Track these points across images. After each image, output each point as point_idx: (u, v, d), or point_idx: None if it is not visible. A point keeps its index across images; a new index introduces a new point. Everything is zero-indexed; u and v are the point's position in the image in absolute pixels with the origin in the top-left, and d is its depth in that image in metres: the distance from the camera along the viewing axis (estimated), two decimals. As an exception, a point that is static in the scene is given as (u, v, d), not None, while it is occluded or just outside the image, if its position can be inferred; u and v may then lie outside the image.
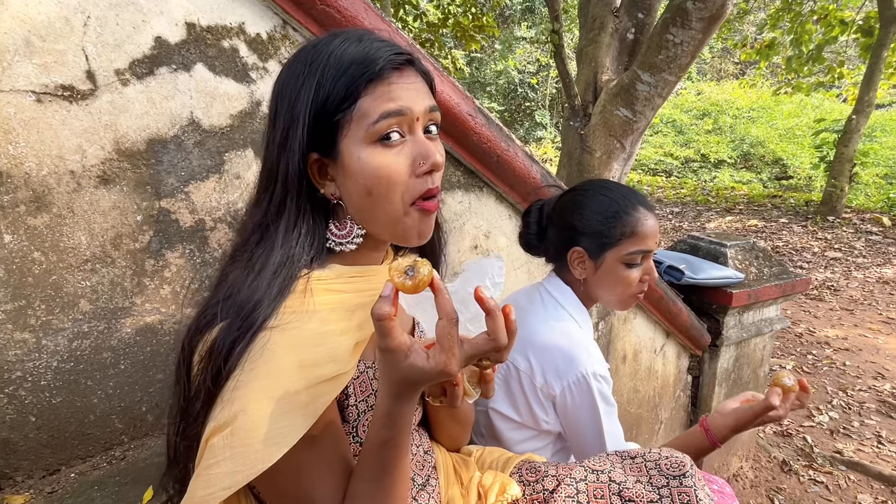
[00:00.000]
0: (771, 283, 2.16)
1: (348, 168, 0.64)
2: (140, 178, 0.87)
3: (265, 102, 0.97)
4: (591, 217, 1.06)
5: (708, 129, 11.71)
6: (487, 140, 1.22)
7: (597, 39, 3.35)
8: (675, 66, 2.91)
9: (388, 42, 0.66)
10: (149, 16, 0.84)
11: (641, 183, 10.14)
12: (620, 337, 1.89)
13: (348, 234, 0.69)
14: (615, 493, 0.75)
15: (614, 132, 3.19)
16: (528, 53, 15.73)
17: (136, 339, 0.90)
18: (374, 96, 0.62)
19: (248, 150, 0.97)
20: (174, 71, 0.87)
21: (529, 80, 16.35)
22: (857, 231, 6.42)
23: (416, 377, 0.56)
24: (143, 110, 0.86)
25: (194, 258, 0.94)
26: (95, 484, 0.87)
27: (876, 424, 2.91)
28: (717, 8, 2.64)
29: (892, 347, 3.76)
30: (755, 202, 8.20)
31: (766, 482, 2.50)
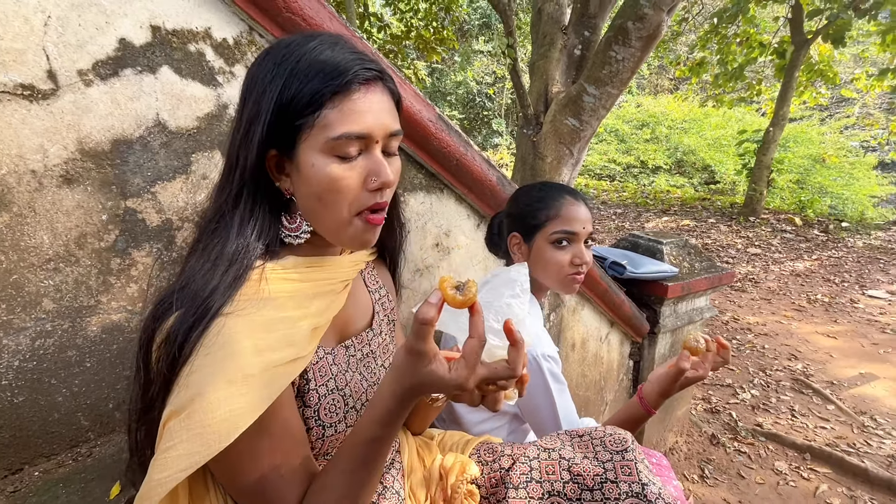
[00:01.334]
0: (701, 276, 2.24)
1: (302, 171, 0.62)
2: (105, 178, 0.82)
3: (232, 105, 0.93)
4: (524, 205, 1.13)
5: (646, 139, 12.09)
6: (447, 145, 1.21)
7: (547, 54, 3.40)
8: (618, 80, 2.98)
9: (361, 54, 0.63)
10: (112, 17, 0.79)
11: (588, 186, 10.37)
12: (570, 326, 1.93)
13: (297, 229, 0.67)
14: (565, 469, 0.76)
15: (563, 140, 3.25)
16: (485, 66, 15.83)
17: (103, 336, 0.85)
18: (339, 110, 0.60)
19: (216, 152, 0.93)
20: (139, 73, 0.83)
21: (487, 91, 16.46)
22: (774, 230, 6.78)
23: (432, 384, 0.56)
24: (108, 111, 0.81)
25: (162, 256, 0.89)
26: (61, 481, 0.82)
27: (790, 400, 3.08)
28: (654, 28, 2.72)
29: (804, 332, 3.99)
30: (687, 204, 8.53)
31: (697, 454, 2.60)
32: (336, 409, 0.69)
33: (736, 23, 7.37)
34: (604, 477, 0.73)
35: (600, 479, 0.72)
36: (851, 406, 2.99)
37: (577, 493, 0.73)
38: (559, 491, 0.74)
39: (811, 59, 7.44)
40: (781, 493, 2.34)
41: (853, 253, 5.82)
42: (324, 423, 0.68)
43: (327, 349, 0.71)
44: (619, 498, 0.70)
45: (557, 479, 0.75)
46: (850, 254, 5.79)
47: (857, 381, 3.27)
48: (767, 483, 2.40)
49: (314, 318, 0.66)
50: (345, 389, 0.71)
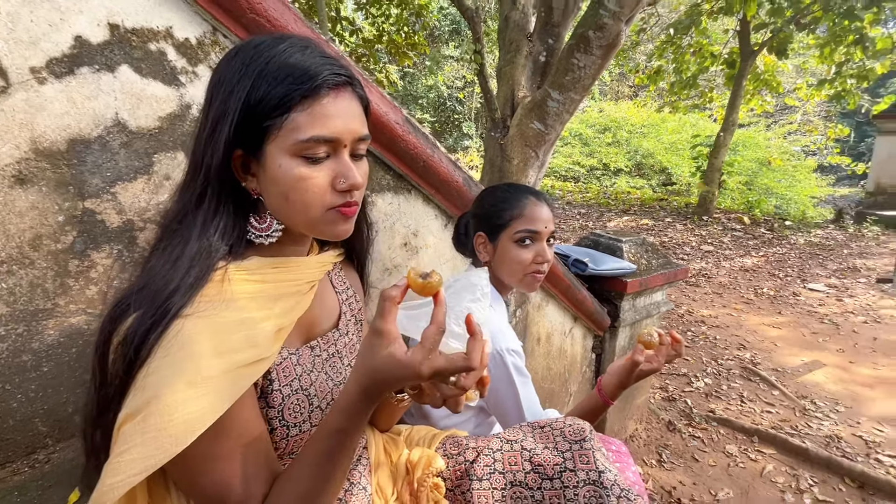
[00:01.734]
0: (658, 272, 2.30)
1: (270, 171, 0.61)
2: (61, 179, 0.78)
3: (196, 106, 0.90)
4: (489, 205, 1.13)
5: (608, 142, 12.35)
6: (414, 147, 1.20)
7: (513, 61, 3.42)
8: (580, 86, 3.03)
9: (331, 58, 0.62)
10: (67, 14, 0.75)
11: (554, 188, 10.52)
12: (535, 322, 1.95)
13: (268, 228, 0.65)
14: (526, 460, 0.77)
15: (529, 143, 3.28)
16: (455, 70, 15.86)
17: (60, 340, 0.81)
18: (308, 113, 0.59)
19: (179, 153, 0.89)
20: (97, 71, 0.79)
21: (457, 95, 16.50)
22: (725, 228, 7.03)
23: (390, 368, 0.54)
24: (63, 110, 0.76)
25: (123, 258, 0.85)
26: (16, 489, 0.77)
27: (739, 387, 3.20)
28: (613, 37, 2.78)
29: (751, 323, 4.15)
30: (646, 204, 8.76)
31: (655, 440, 2.67)
32: (301, 409, 0.68)
33: (690, 34, 7.61)
34: (563, 466, 0.73)
35: (560, 469, 0.73)
36: (794, 391, 3.13)
37: (538, 482, 0.74)
38: (521, 481, 0.74)
39: (757, 70, 7.74)
40: (732, 473, 2.43)
41: (795, 249, 6.09)
42: (288, 424, 0.66)
43: (292, 350, 0.69)
44: (577, 485, 0.71)
45: (519, 470, 0.75)
46: (793, 250, 6.05)
47: (799, 369, 3.42)
48: (719, 465, 2.48)
49: (278, 319, 0.64)
50: (309, 389, 0.69)
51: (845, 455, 2.54)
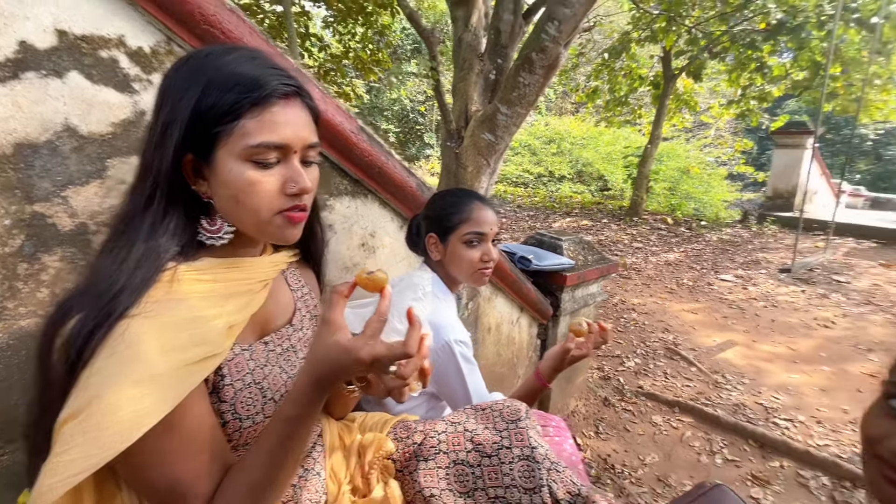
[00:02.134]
0: (593, 266, 2.37)
1: (220, 176, 0.57)
2: (7, 182, 0.71)
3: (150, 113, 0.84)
4: (440, 209, 1.12)
5: (553, 152, 12.63)
6: (369, 154, 1.18)
7: (467, 78, 3.43)
8: (525, 101, 3.07)
9: (280, 69, 0.59)
10: (11, 20, 0.68)
11: (506, 192, 10.66)
12: (486, 313, 1.96)
13: (218, 231, 0.62)
14: (468, 440, 0.76)
15: (482, 152, 3.30)
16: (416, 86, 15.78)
17: (10, 343, 0.74)
18: (258, 120, 0.56)
19: (134, 157, 0.83)
20: (44, 76, 0.72)
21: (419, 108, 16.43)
22: (652, 228, 7.33)
23: (335, 354, 0.53)
24: (8, 114, 0.70)
25: (76, 260, 0.79)
26: (-37, 493, 0.70)
27: (663, 365, 3.35)
28: (553, 59, 2.83)
29: (674, 309, 4.34)
30: (586, 207, 9.02)
31: (593, 414, 2.75)
32: (254, 402, 0.64)
33: (621, 59, 7.89)
34: (500, 444, 0.74)
35: (497, 446, 0.73)
36: (708, 367, 3.30)
37: (478, 460, 0.73)
38: (463, 460, 0.74)
39: (678, 91, 8.12)
40: (657, 440, 2.53)
41: (709, 245, 6.43)
42: (241, 416, 0.63)
43: (244, 346, 0.66)
44: (512, 461, 0.71)
45: (462, 449, 0.75)
46: (708, 246, 6.38)
47: (713, 348, 3.61)
48: (646, 434, 2.59)
49: (230, 317, 0.61)
50: (263, 383, 0.66)
51: (749, 420, 2.70)
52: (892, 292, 4.66)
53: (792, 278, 5.00)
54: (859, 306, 4.35)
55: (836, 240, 6.52)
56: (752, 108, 7.91)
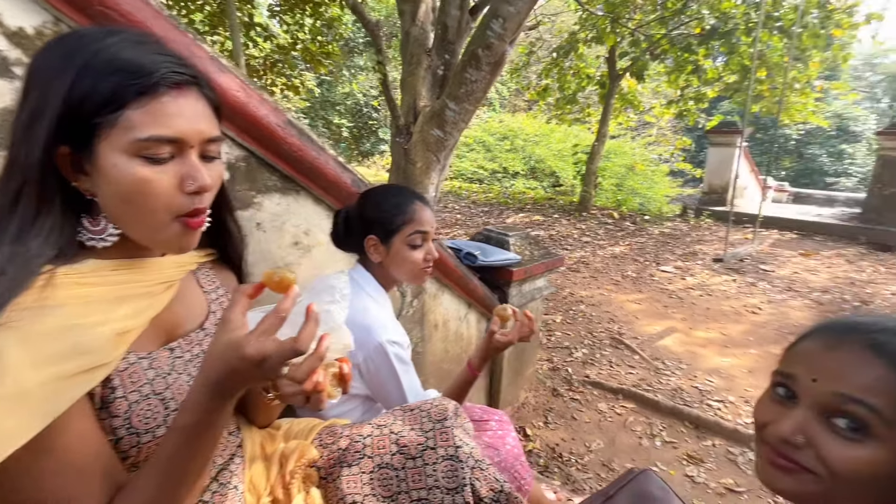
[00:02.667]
0: (539, 261, 2.42)
1: (104, 172, 0.52)
2: None
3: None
4: (380, 210, 1.09)
5: (507, 149, 12.83)
6: (299, 149, 1.13)
7: (414, 72, 3.40)
8: (473, 98, 3.08)
9: (172, 55, 0.54)
10: None
11: (461, 188, 10.73)
12: (432, 310, 1.95)
13: (101, 232, 0.56)
14: (393, 442, 0.75)
15: (431, 148, 3.28)
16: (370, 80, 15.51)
17: None
18: (145, 111, 0.51)
19: (17, 151, 0.75)
20: None
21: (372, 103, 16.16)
22: (600, 222, 7.62)
23: (228, 353, 0.49)
24: None
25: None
26: None
27: (609, 354, 3.49)
28: (499, 56, 2.86)
29: (619, 300, 4.54)
30: (539, 203, 9.24)
31: (542, 405, 2.82)
32: (153, 415, 0.59)
33: (570, 58, 8.12)
34: (425, 445, 0.73)
35: (422, 448, 0.72)
36: (650, 355, 3.47)
37: (403, 462, 0.72)
38: (388, 463, 0.72)
39: (623, 91, 8.47)
40: (602, 427, 2.64)
41: (652, 239, 6.77)
42: (138, 431, 0.58)
43: (143, 353, 0.61)
44: (436, 461, 0.71)
45: (387, 453, 0.73)
46: (650, 239, 6.72)
47: (654, 336, 3.81)
48: (592, 421, 2.69)
49: (120, 323, 0.55)
50: (165, 393, 0.61)
51: (686, 403, 2.87)
52: (809, 279, 5.11)
53: (724, 268, 5.36)
54: (782, 293, 4.73)
55: (762, 232, 7.06)
56: (690, 109, 8.39)
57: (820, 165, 18.63)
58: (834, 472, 0.46)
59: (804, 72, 7.38)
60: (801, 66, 7.23)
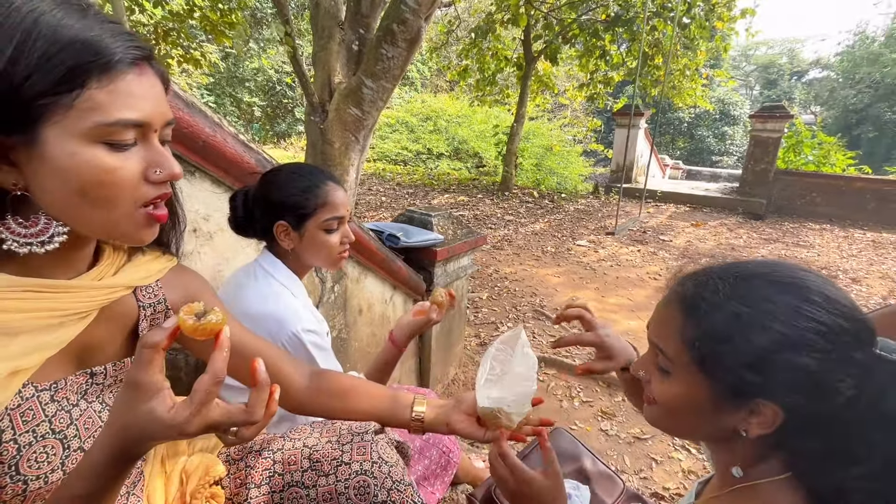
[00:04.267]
0: (462, 240, 2.45)
1: (53, 162, 0.43)
2: None
3: None
4: (290, 193, 1.01)
5: (430, 130, 12.80)
6: (189, 125, 1.01)
7: (327, 47, 3.22)
8: (390, 75, 3.00)
9: (122, 29, 0.45)
10: None
11: (385, 170, 10.53)
12: (355, 295, 1.90)
13: (42, 233, 0.46)
14: (306, 457, 0.70)
15: (349, 127, 3.16)
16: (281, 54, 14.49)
17: None
18: (109, 91, 0.44)
19: None
20: None
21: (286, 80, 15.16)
22: (521, 201, 7.93)
23: (149, 427, 0.42)
24: None
25: None
26: None
27: (532, 326, 3.68)
28: (415, 32, 2.80)
29: (540, 274, 4.78)
30: (463, 183, 9.37)
31: (471, 380, 2.91)
32: (48, 458, 0.50)
33: (487, 39, 8.21)
34: (340, 460, 0.68)
35: (336, 463, 0.68)
36: (567, 324, 3.72)
37: (314, 479, 0.68)
38: (298, 481, 0.68)
39: (539, 73, 8.76)
40: (526, 395, 2.79)
41: (568, 215, 7.19)
42: (26, 477, 0.48)
43: (45, 384, 0.51)
44: (348, 478, 0.67)
45: (297, 469, 0.69)
46: (567, 216, 7.14)
47: (571, 305, 4.07)
48: (518, 390, 2.83)
49: (15, 361, 0.46)
50: (66, 430, 0.52)
51: (599, 365, 3.12)
52: (700, 247, 5.76)
53: (630, 239, 5.86)
54: (677, 259, 5.29)
55: (661, 205, 7.81)
56: (600, 92, 8.94)
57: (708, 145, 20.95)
58: (659, 402, 0.55)
59: (693, 59, 8.15)
60: (690, 53, 7.98)
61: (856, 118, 23.64)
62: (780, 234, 6.30)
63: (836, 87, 25.94)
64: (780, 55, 30.76)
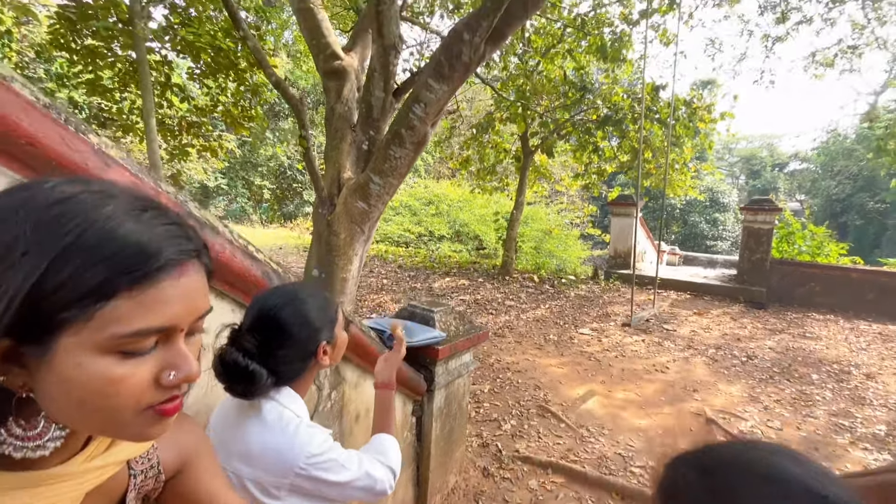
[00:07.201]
0: (464, 337, 2.40)
1: (59, 370, 0.39)
2: None
3: None
4: (317, 312, 0.99)
5: (433, 213, 13.24)
6: (200, 244, 1.02)
7: (339, 147, 3.43)
8: (397, 173, 3.16)
9: (175, 222, 0.43)
10: None
11: (388, 252, 10.70)
12: (353, 400, 1.81)
13: (39, 436, 0.42)
14: None
15: (355, 220, 3.25)
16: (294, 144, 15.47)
17: None
18: (138, 301, 0.39)
19: None
20: None
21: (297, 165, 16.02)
22: (521, 286, 7.94)
23: None
24: None
25: None
26: None
27: (536, 424, 3.47)
28: (421, 136, 2.99)
29: (543, 364, 4.63)
30: (464, 267, 9.46)
31: (473, 489, 2.68)
32: None
33: (488, 133, 8.82)
34: None
35: None
36: (574, 421, 3.51)
37: None
38: None
39: (536, 164, 9.28)
40: (534, 508, 2.54)
41: (570, 301, 7.15)
42: None
43: None
44: None
45: None
46: (568, 302, 7.09)
47: (577, 401, 3.88)
48: (524, 502, 2.58)
49: None
50: None
51: (611, 472, 2.89)
52: (705, 337, 5.64)
53: (634, 329, 5.76)
54: (684, 351, 5.15)
55: (662, 293, 7.80)
56: (594, 181, 9.39)
57: (701, 230, 21.55)
58: None
59: (681, 155, 8.67)
60: (678, 150, 8.50)
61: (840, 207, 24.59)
62: (785, 325, 6.20)
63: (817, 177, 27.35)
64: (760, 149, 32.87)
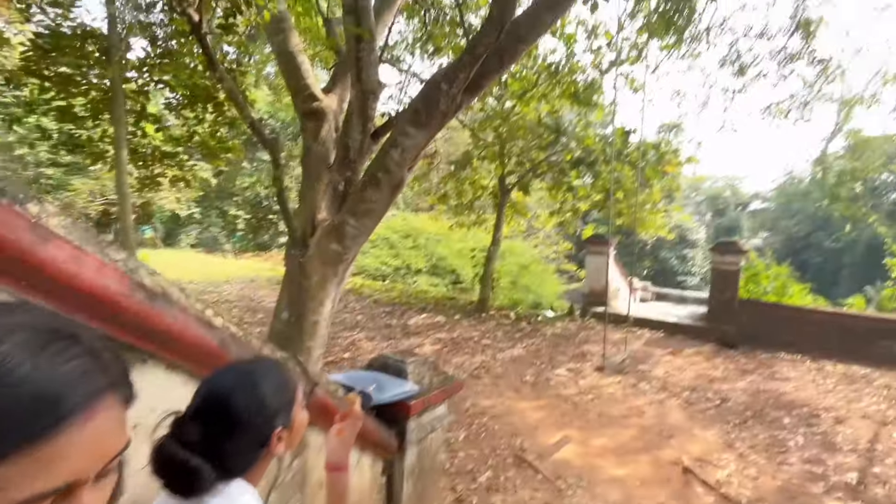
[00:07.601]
0: (438, 389, 2.31)
1: None
2: None
3: None
4: (273, 395, 0.87)
5: (410, 246, 13.21)
6: (148, 316, 0.94)
7: (315, 186, 3.38)
8: (374, 215, 3.12)
9: (85, 352, 0.37)
10: None
11: (364, 286, 10.52)
12: (317, 466, 1.68)
13: None
14: None
15: (328, 262, 3.17)
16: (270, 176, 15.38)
17: None
18: (33, 460, 0.32)
19: None
20: None
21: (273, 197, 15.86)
22: (498, 324, 7.88)
23: None
24: None
25: None
26: None
27: (513, 476, 3.33)
28: (398, 181, 2.98)
29: (520, 408, 4.52)
30: (440, 303, 9.36)
31: (445, 553, 2.51)
32: None
33: (466, 169, 8.97)
34: None
35: None
36: (551, 472, 3.39)
37: None
38: None
39: (513, 201, 9.44)
40: (509, 575, 2.39)
41: (546, 340, 7.11)
42: None
43: None
44: None
45: None
46: (545, 341, 7.05)
47: (552, 448, 3.77)
48: (499, 567, 2.43)
49: None
50: None
51: (589, 531, 2.77)
52: (679, 378, 5.67)
53: (609, 370, 5.75)
54: (658, 393, 5.14)
55: (636, 331, 7.87)
56: (568, 219, 9.60)
57: (671, 266, 22.20)
58: None
59: (650, 196, 8.99)
60: (647, 191, 8.82)
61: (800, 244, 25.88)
62: (756, 366, 6.31)
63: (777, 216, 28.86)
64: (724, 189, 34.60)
